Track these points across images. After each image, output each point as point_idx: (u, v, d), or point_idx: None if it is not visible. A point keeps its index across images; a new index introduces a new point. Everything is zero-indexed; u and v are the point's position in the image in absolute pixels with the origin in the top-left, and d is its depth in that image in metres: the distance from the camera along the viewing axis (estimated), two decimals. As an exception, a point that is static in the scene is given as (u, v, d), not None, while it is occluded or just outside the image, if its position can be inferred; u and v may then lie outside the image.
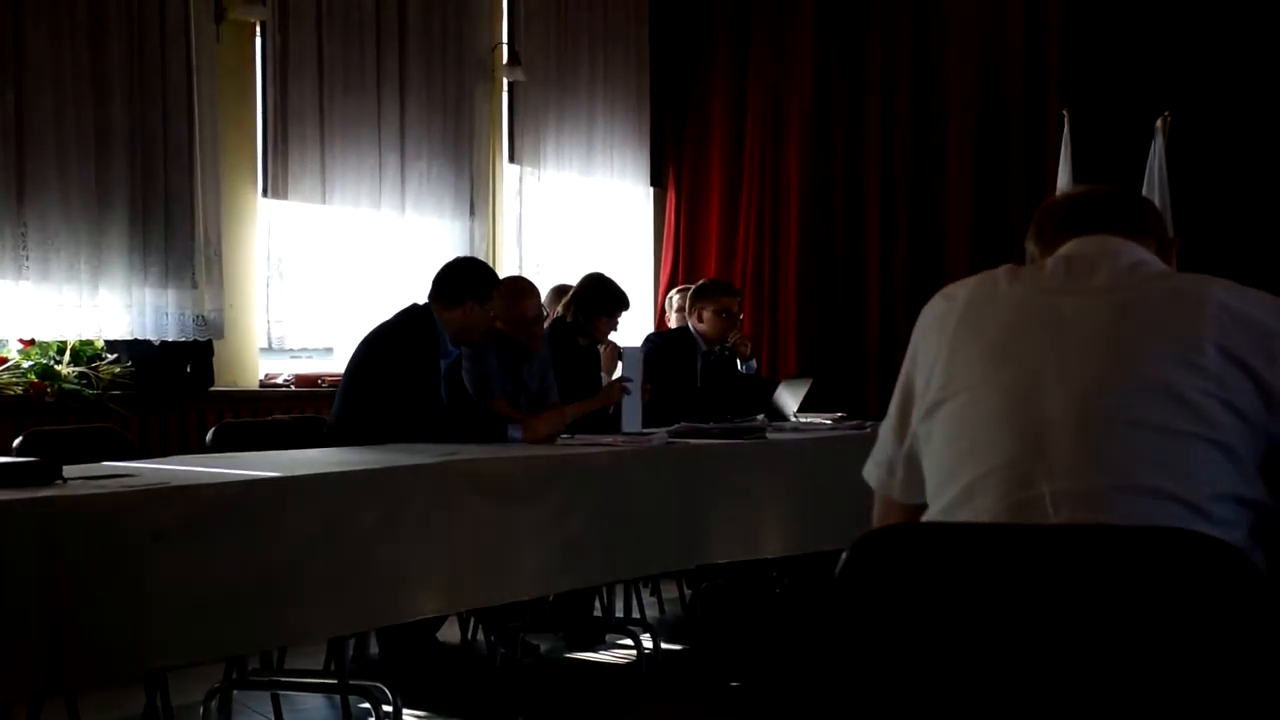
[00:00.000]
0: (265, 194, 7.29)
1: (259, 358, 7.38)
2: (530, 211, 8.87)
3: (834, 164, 9.35)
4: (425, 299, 5.40)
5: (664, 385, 6.54)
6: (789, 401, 7.13)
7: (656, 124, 9.76)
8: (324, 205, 7.48)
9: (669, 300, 8.43)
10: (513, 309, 5.79)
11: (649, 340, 7.26)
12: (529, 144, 8.80)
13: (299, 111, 7.32)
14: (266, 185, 7.27)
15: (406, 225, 7.92)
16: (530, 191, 8.85)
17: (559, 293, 7.05)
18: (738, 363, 7.24)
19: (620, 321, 6.65)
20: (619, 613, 6.35)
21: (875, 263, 9.16)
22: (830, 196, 9.35)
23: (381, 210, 7.76)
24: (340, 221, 7.59)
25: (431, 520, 4.12)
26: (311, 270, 7.58)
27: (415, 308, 5.38)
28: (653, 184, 9.81)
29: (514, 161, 8.79)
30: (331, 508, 3.83)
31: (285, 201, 7.35)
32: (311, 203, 7.44)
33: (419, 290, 5.70)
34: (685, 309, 7.34)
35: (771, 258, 9.53)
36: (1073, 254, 2.23)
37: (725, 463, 5.44)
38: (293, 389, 7.28)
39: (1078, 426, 1.96)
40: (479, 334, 5.42)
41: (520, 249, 8.79)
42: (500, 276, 5.86)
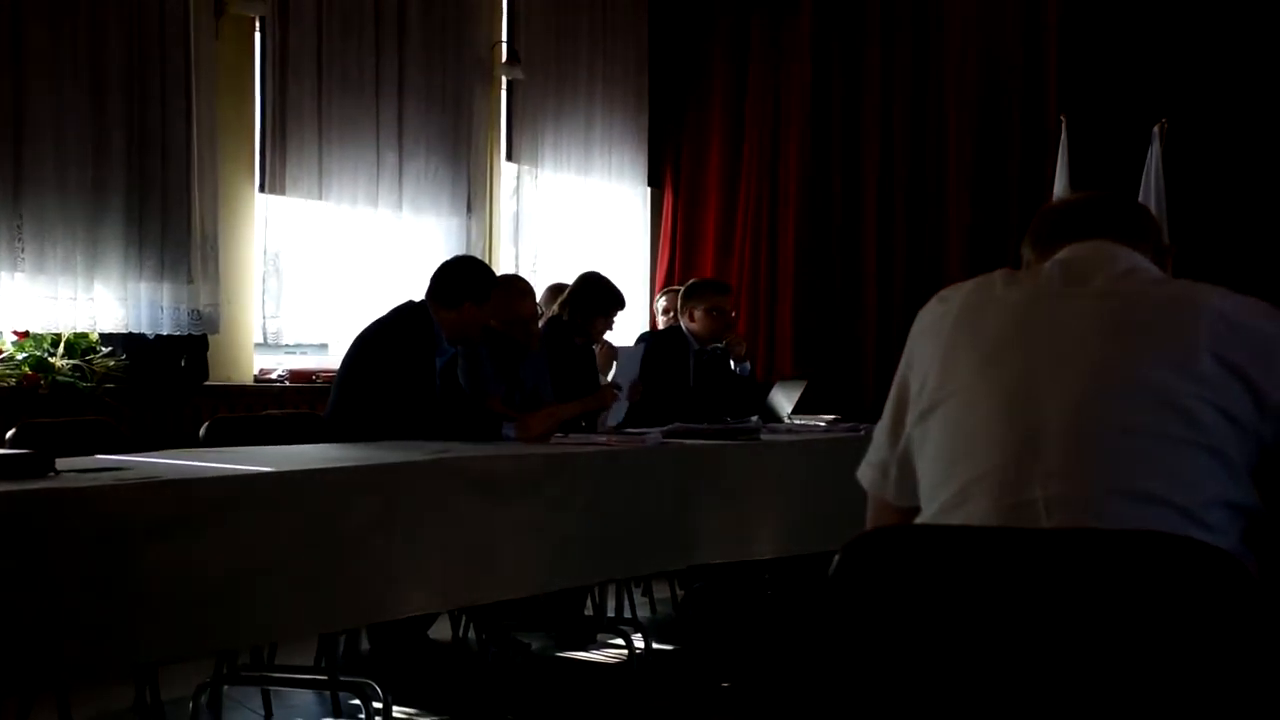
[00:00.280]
0: (262, 189, 7.28)
1: (254, 353, 7.37)
2: (527, 210, 8.87)
3: (831, 167, 9.35)
4: (422, 297, 5.40)
5: (657, 385, 6.54)
6: (784, 403, 7.13)
7: (655, 124, 9.76)
8: (321, 201, 7.47)
9: (657, 304, 8.42)
10: (509, 308, 5.78)
11: (641, 339, 7.25)
12: (527, 142, 8.80)
13: (297, 107, 7.32)
14: (264, 181, 7.26)
15: (403, 222, 7.91)
16: (527, 190, 8.86)
17: (554, 292, 7.05)
18: (731, 364, 7.23)
19: (616, 321, 6.66)
20: (610, 612, 6.35)
21: (872, 265, 9.15)
22: (827, 199, 9.35)
23: (379, 207, 7.75)
24: (337, 218, 7.58)
25: (424, 518, 4.12)
26: (307, 266, 7.57)
27: (411, 304, 5.37)
28: (650, 184, 9.81)
29: (511, 160, 8.79)
30: (324, 504, 3.82)
31: (282, 197, 7.35)
32: (309, 198, 7.43)
33: (415, 287, 5.70)
34: (672, 310, 7.33)
35: (768, 260, 9.53)
36: (1069, 259, 2.23)
37: (719, 463, 5.43)
38: (287, 385, 7.28)
39: (1071, 431, 1.97)
40: (475, 334, 5.42)
41: (517, 247, 8.80)
42: (497, 275, 5.85)
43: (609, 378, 6.60)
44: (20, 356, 6.19)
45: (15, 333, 6.21)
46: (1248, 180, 7.70)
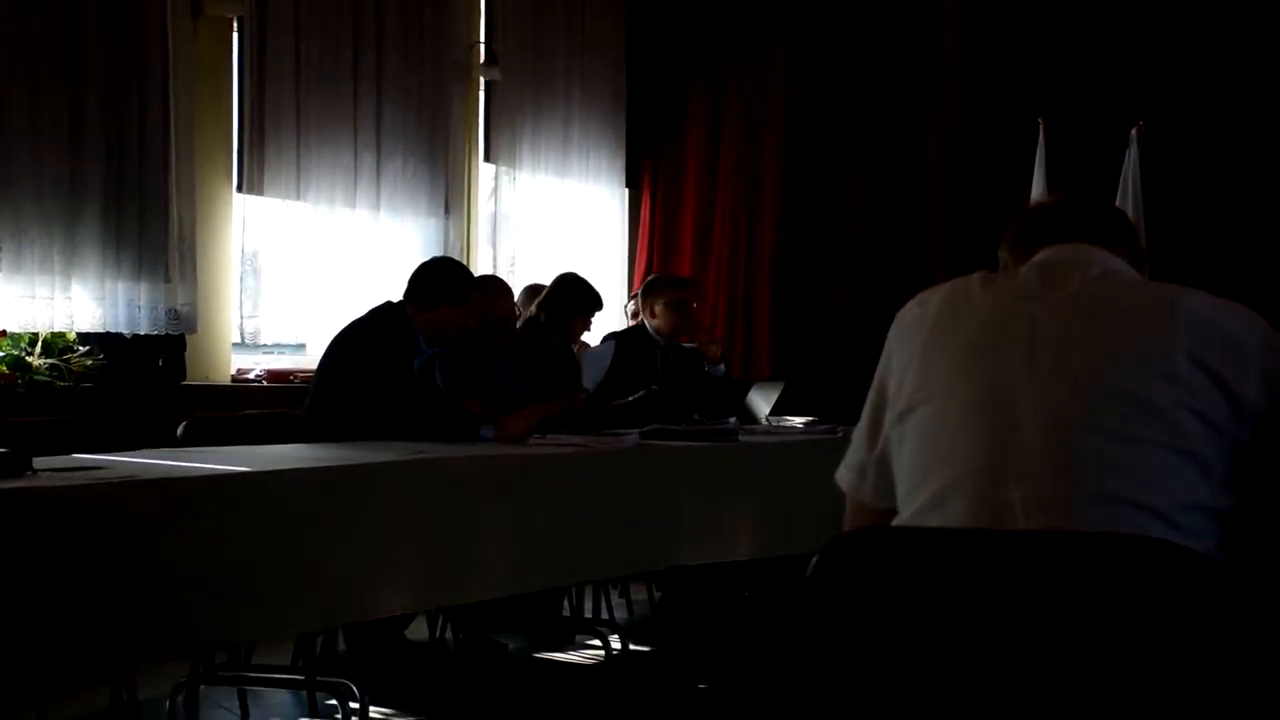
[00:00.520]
0: (240, 189, 7.26)
1: (231, 353, 7.36)
2: (505, 211, 8.85)
3: (809, 168, 9.35)
4: (400, 297, 5.39)
5: (623, 385, 6.53)
6: (762, 404, 7.14)
7: (632, 125, 9.73)
8: (299, 201, 7.45)
9: (624, 309, 8.40)
10: (486, 308, 5.78)
11: (608, 339, 7.20)
12: (505, 144, 8.78)
13: (275, 107, 7.29)
14: (241, 180, 7.24)
15: (381, 223, 7.89)
16: (505, 191, 8.84)
17: (532, 292, 7.03)
18: (705, 364, 7.23)
19: (594, 322, 6.66)
20: (588, 613, 6.35)
21: (850, 267, 9.17)
22: (805, 201, 9.36)
23: (356, 207, 7.74)
24: (315, 218, 7.56)
25: (401, 518, 4.12)
26: (285, 266, 7.55)
27: (389, 305, 5.37)
28: (628, 185, 9.79)
29: (489, 161, 8.77)
30: (301, 504, 3.82)
31: (260, 197, 7.32)
32: (286, 198, 7.40)
33: (393, 288, 5.69)
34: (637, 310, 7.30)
35: (746, 261, 9.54)
36: (1046, 261, 2.24)
37: (697, 465, 5.43)
38: (265, 385, 7.26)
39: (1049, 433, 1.97)
40: (453, 335, 5.42)
41: (495, 249, 8.78)
42: (475, 276, 5.85)
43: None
44: (-3, 355, 6.18)
45: (-8, 331, 6.20)
46: (1225, 183, 7.73)
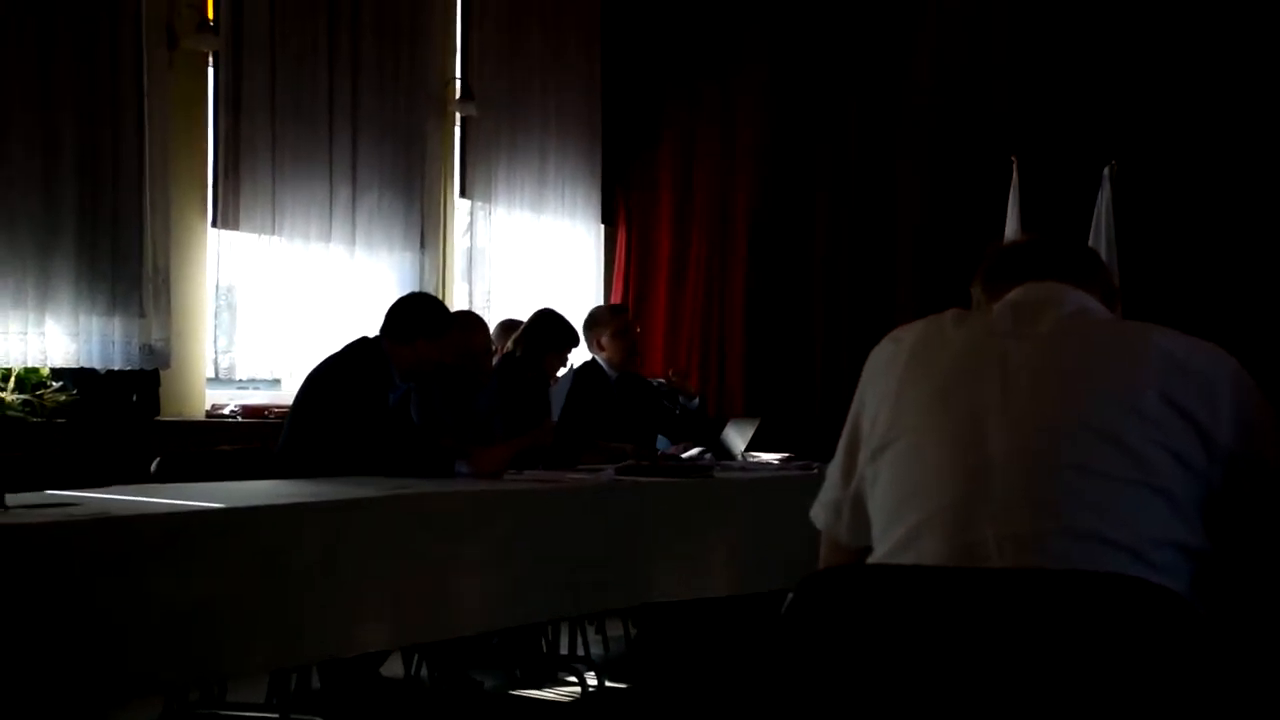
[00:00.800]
0: (215, 224, 7.24)
1: (206, 388, 7.33)
2: (481, 246, 8.86)
3: (783, 204, 9.40)
4: (376, 333, 5.39)
5: (580, 418, 6.55)
6: (737, 441, 7.13)
7: (608, 162, 9.76)
8: (274, 236, 7.44)
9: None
10: (462, 343, 5.78)
11: (569, 375, 7.19)
12: (480, 179, 8.79)
13: (250, 142, 7.28)
14: (216, 215, 7.21)
15: (356, 258, 7.89)
16: (481, 226, 8.85)
17: (507, 328, 7.03)
18: (680, 398, 7.24)
19: (570, 358, 6.67)
20: (564, 650, 6.33)
21: (822, 304, 9.21)
22: (779, 237, 9.40)
23: (331, 242, 7.73)
24: (290, 253, 7.55)
25: (376, 554, 4.10)
26: (260, 301, 7.53)
27: (364, 340, 5.36)
28: (603, 221, 9.81)
29: (465, 196, 8.78)
30: (274, 540, 3.81)
31: (235, 231, 7.31)
32: (262, 233, 7.39)
33: (369, 323, 5.69)
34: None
35: (720, 297, 9.57)
36: (1019, 300, 2.25)
37: (672, 501, 5.43)
38: (240, 420, 7.24)
39: (1021, 470, 1.98)
40: (429, 370, 5.42)
41: (470, 284, 8.78)
42: (450, 311, 5.85)
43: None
44: (-31, 391, 6.15)
45: (-36, 367, 6.17)
46: (1196, 222, 7.78)
